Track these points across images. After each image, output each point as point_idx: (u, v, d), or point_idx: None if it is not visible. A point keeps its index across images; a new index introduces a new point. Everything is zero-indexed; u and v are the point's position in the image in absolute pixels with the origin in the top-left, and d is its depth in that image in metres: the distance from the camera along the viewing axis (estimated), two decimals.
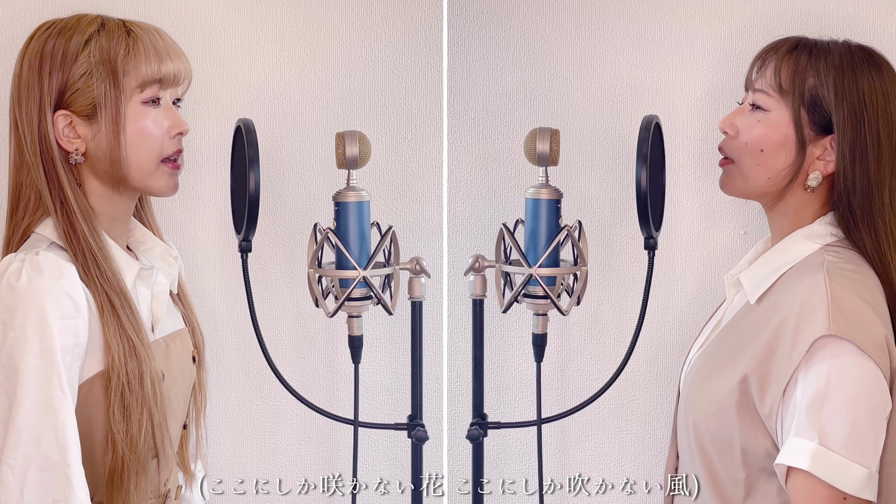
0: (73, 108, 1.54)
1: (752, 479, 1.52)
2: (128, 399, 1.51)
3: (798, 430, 1.44)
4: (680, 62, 2.00)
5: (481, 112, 2.05)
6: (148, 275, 1.64)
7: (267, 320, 2.02)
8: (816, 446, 1.42)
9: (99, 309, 1.51)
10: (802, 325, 1.46)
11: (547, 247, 1.80)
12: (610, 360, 2.07)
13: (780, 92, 1.58)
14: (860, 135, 1.54)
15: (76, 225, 1.53)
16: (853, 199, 1.55)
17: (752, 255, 1.70)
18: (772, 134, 1.58)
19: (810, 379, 1.44)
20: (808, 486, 1.43)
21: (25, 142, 1.54)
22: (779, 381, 1.47)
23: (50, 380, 1.45)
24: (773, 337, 1.49)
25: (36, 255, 1.49)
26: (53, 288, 1.46)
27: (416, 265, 1.86)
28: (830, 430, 1.42)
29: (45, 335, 1.45)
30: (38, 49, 1.54)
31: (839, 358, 1.44)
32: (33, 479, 1.44)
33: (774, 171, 1.58)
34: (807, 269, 1.54)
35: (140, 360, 1.52)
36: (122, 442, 1.51)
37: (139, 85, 1.55)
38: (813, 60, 1.56)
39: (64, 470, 1.45)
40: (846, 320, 1.45)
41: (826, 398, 1.43)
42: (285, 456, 2.08)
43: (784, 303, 1.52)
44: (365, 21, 2.02)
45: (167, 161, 1.59)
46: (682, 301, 2.05)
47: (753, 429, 1.51)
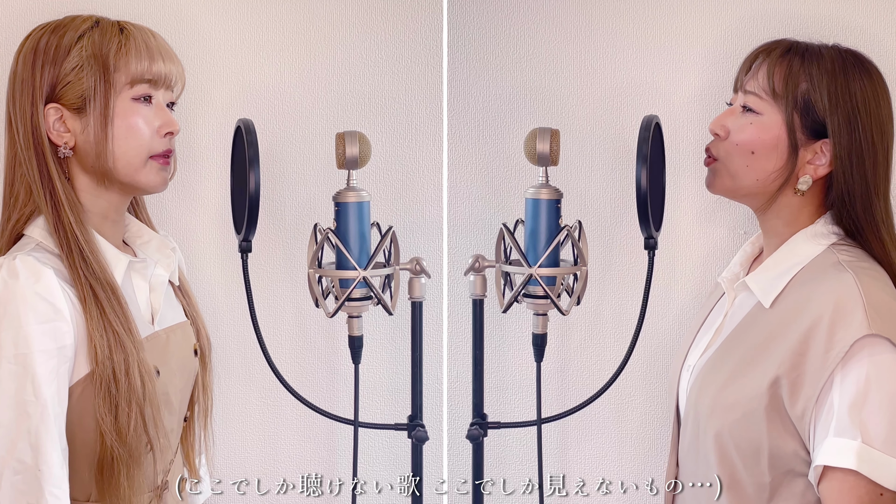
0: (63, 102, 1.55)
1: (777, 481, 1.53)
2: (113, 391, 1.51)
3: (839, 430, 1.44)
4: (680, 62, 2.01)
5: (481, 112, 2.05)
6: (142, 267, 1.64)
7: (267, 320, 2.02)
8: (860, 445, 1.43)
9: (81, 302, 1.51)
10: (838, 326, 1.46)
11: (547, 247, 1.80)
12: (610, 360, 2.07)
13: (772, 95, 1.58)
14: (855, 139, 1.55)
15: (64, 217, 1.54)
16: (855, 204, 1.56)
17: (741, 257, 1.70)
18: (763, 137, 1.58)
19: (850, 379, 1.45)
20: (846, 485, 1.44)
21: (18, 135, 1.56)
22: (814, 383, 1.47)
23: (23, 385, 1.46)
24: (804, 339, 1.49)
25: (14, 259, 1.50)
26: (28, 293, 1.47)
27: (416, 265, 1.86)
28: (872, 428, 1.43)
29: (20, 341, 1.46)
30: (33, 45, 1.57)
31: (878, 356, 1.44)
32: (8, 482, 1.46)
33: (764, 173, 1.59)
34: (824, 269, 1.54)
35: (127, 353, 1.52)
36: (109, 433, 1.51)
37: (129, 82, 1.57)
38: (806, 65, 1.56)
39: (35, 474, 1.46)
40: (882, 318, 1.46)
41: (867, 397, 1.44)
42: (285, 456, 2.08)
43: (808, 304, 1.51)
44: (365, 21, 2.02)
45: (156, 157, 1.60)
46: (682, 301, 2.05)
47: (783, 431, 1.51)
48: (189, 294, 1.76)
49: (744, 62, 1.64)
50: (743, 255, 1.71)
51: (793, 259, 1.59)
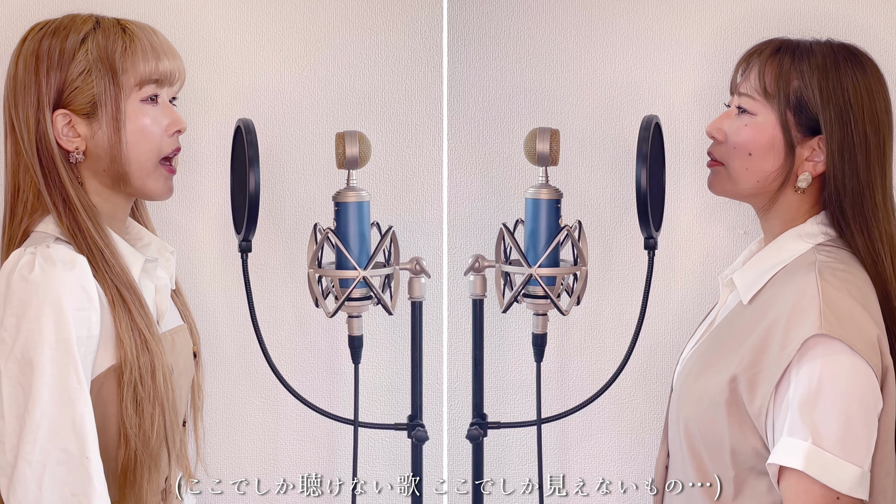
0: (72, 107, 1.54)
1: (741, 477, 1.53)
2: (140, 394, 1.50)
3: (791, 430, 1.44)
4: (680, 62, 2.01)
5: (481, 112, 2.05)
6: (152, 268, 1.64)
7: (267, 320, 2.02)
8: (810, 446, 1.42)
9: (110, 303, 1.51)
10: (793, 325, 1.47)
11: (547, 247, 1.80)
12: (610, 360, 2.07)
13: (765, 95, 1.58)
14: (848, 134, 1.54)
15: (81, 222, 1.53)
16: (844, 199, 1.55)
17: (745, 256, 1.71)
18: (759, 137, 1.58)
19: (802, 378, 1.44)
20: (801, 486, 1.44)
21: (23, 142, 1.54)
22: (769, 380, 1.47)
23: (67, 371, 1.44)
24: (764, 336, 1.50)
25: (47, 247, 1.49)
26: (68, 279, 1.46)
27: (416, 265, 1.86)
28: (824, 430, 1.43)
29: (62, 326, 1.44)
30: (34, 49, 1.54)
31: (831, 357, 1.44)
32: (51, 474, 1.43)
33: (763, 173, 1.59)
34: (798, 268, 1.55)
35: (152, 354, 1.52)
36: (134, 437, 1.50)
37: (138, 83, 1.56)
38: (797, 62, 1.56)
39: (83, 462, 1.44)
40: (838, 320, 1.45)
41: (819, 397, 1.43)
42: (285, 456, 2.08)
43: (775, 302, 1.52)
44: (365, 21, 2.02)
45: (165, 163, 1.60)
46: (681, 301, 2.05)
47: (742, 428, 1.51)
48: (184, 298, 1.76)
49: (737, 64, 1.64)
50: (748, 254, 1.71)
51: (778, 257, 1.59)
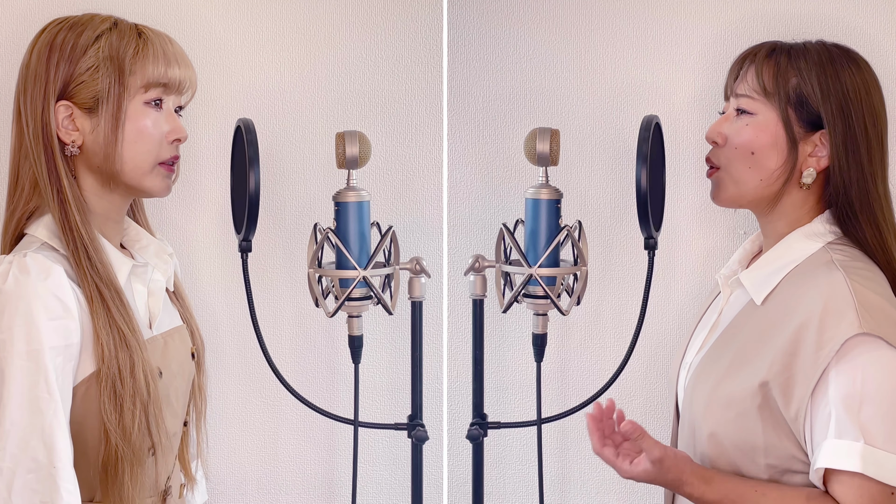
0: (75, 100, 1.55)
1: (774, 479, 1.53)
2: (119, 389, 1.51)
3: (839, 432, 1.44)
4: (680, 62, 2.01)
5: (481, 112, 2.05)
6: (142, 271, 1.64)
7: (267, 320, 2.02)
8: (863, 446, 1.43)
9: (88, 301, 1.51)
10: (828, 325, 1.46)
11: (547, 247, 1.80)
12: (610, 360, 2.07)
13: (764, 94, 1.58)
14: (850, 127, 1.55)
15: (70, 215, 1.54)
16: (851, 191, 1.56)
17: (740, 254, 1.70)
18: (761, 136, 1.58)
19: (843, 378, 1.44)
20: (855, 487, 1.44)
21: (28, 129, 1.56)
22: (805, 384, 1.46)
23: (36, 381, 1.46)
24: (794, 339, 1.49)
25: (24, 256, 1.49)
26: (40, 289, 1.47)
27: (416, 265, 1.86)
28: (874, 428, 1.43)
29: (32, 337, 1.45)
30: (49, 40, 1.56)
31: (872, 354, 1.44)
32: (21, 481, 1.45)
33: (767, 171, 1.59)
34: (816, 268, 1.54)
35: (131, 351, 1.52)
36: (114, 431, 1.51)
37: (144, 85, 1.56)
38: (793, 61, 1.57)
39: (50, 472, 1.46)
40: (874, 318, 1.45)
41: (864, 396, 1.43)
42: (285, 456, 2.08)
43: (798, 303, 1.51)
44: (365, 21, 2.02)
45: (163, 164, 1.60)
46: (681, 301, 2.05)
47: (777, 432, 1.50)
48: (184, 297, 1.76)
49: (731, 69, 1.64)
50: (743, 252, 1.71)
51: (787, 257, 1.59)
